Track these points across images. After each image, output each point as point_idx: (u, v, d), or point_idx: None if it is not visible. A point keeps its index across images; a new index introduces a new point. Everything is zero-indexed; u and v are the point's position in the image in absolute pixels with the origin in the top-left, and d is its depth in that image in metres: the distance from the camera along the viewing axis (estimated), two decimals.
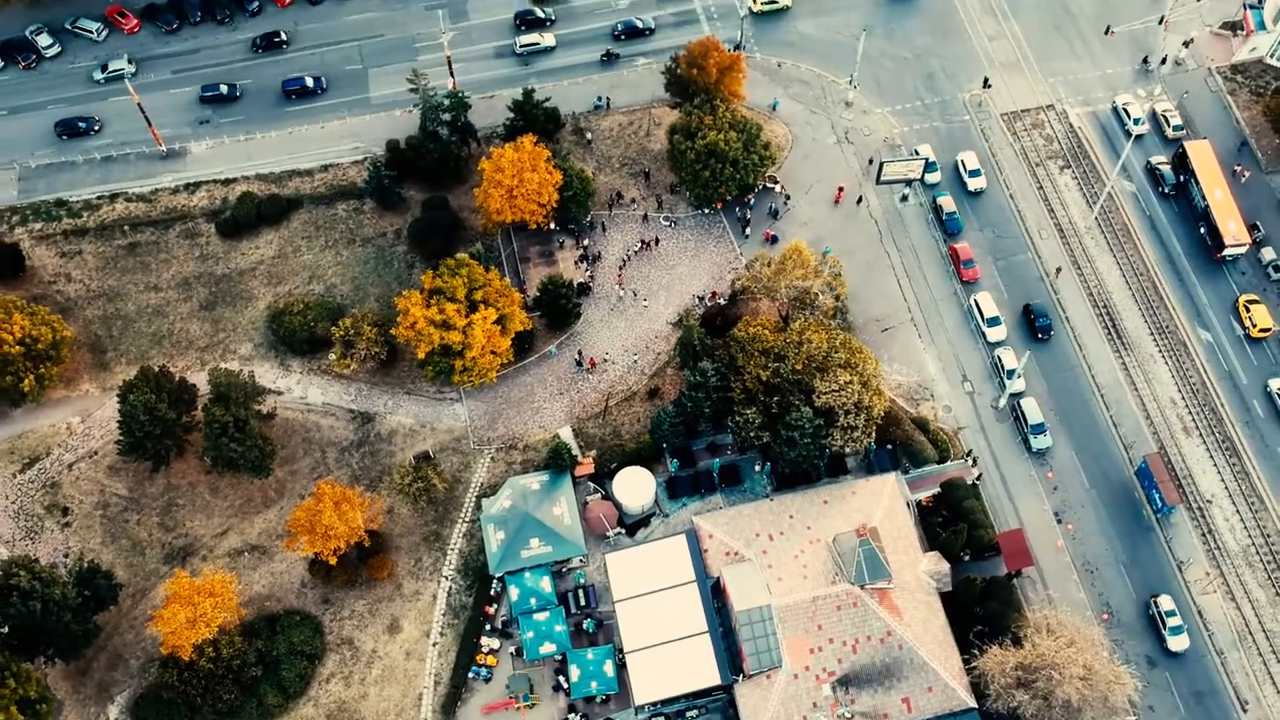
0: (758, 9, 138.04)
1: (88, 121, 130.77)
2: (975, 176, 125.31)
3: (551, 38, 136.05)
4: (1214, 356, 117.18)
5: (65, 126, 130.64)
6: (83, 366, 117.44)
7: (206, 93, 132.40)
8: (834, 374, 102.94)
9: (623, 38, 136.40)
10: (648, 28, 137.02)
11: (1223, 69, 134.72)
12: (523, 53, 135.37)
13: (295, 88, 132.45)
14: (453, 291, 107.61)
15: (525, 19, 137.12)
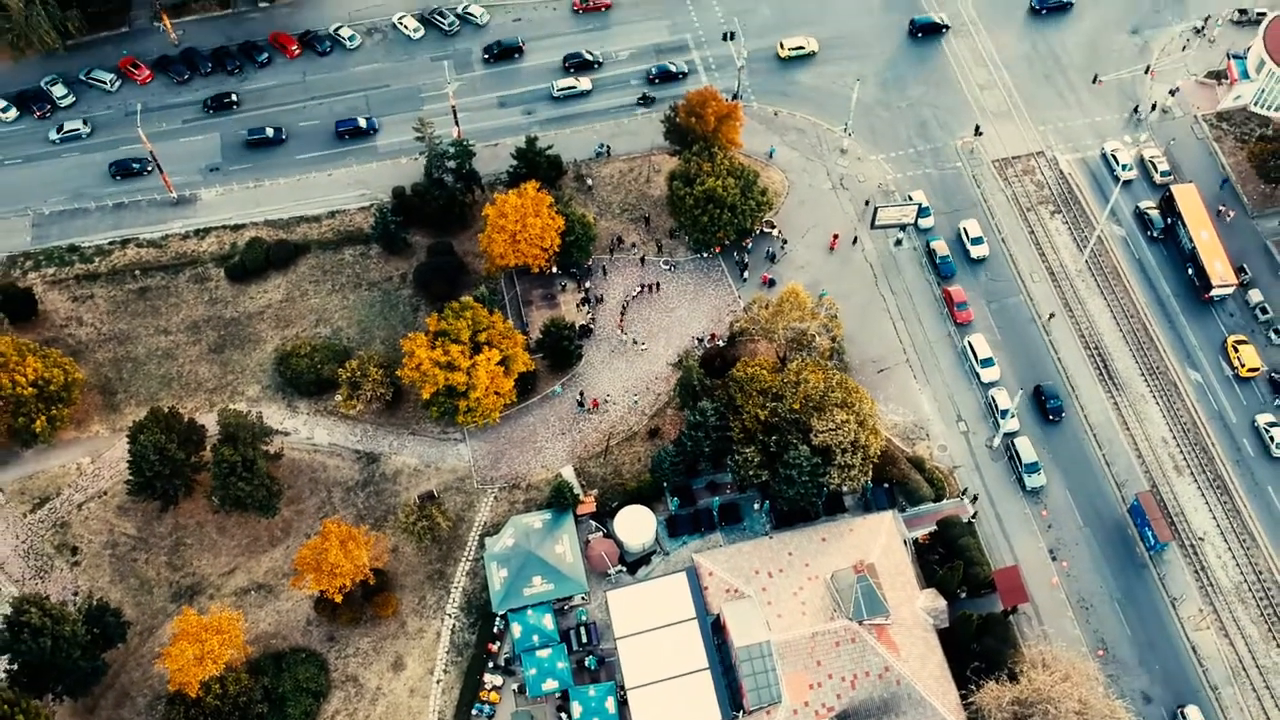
0: (785, 55, 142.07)
1: (141, 163, 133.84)
2: (978, 244, 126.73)
3: (588, 82, 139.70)
4: (1204, 396, 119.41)
5: (119, 167, 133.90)
6: (93, 408, 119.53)
7: (253, 135, 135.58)
8: (831, 413, 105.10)
9: (657, 81, 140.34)
10: (681, 71, 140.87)
11: (1208, 116, 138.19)
12: (560, 96, 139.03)
13: (348, 128, 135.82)
14: (457, 333, 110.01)
15: (574, 62, 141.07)
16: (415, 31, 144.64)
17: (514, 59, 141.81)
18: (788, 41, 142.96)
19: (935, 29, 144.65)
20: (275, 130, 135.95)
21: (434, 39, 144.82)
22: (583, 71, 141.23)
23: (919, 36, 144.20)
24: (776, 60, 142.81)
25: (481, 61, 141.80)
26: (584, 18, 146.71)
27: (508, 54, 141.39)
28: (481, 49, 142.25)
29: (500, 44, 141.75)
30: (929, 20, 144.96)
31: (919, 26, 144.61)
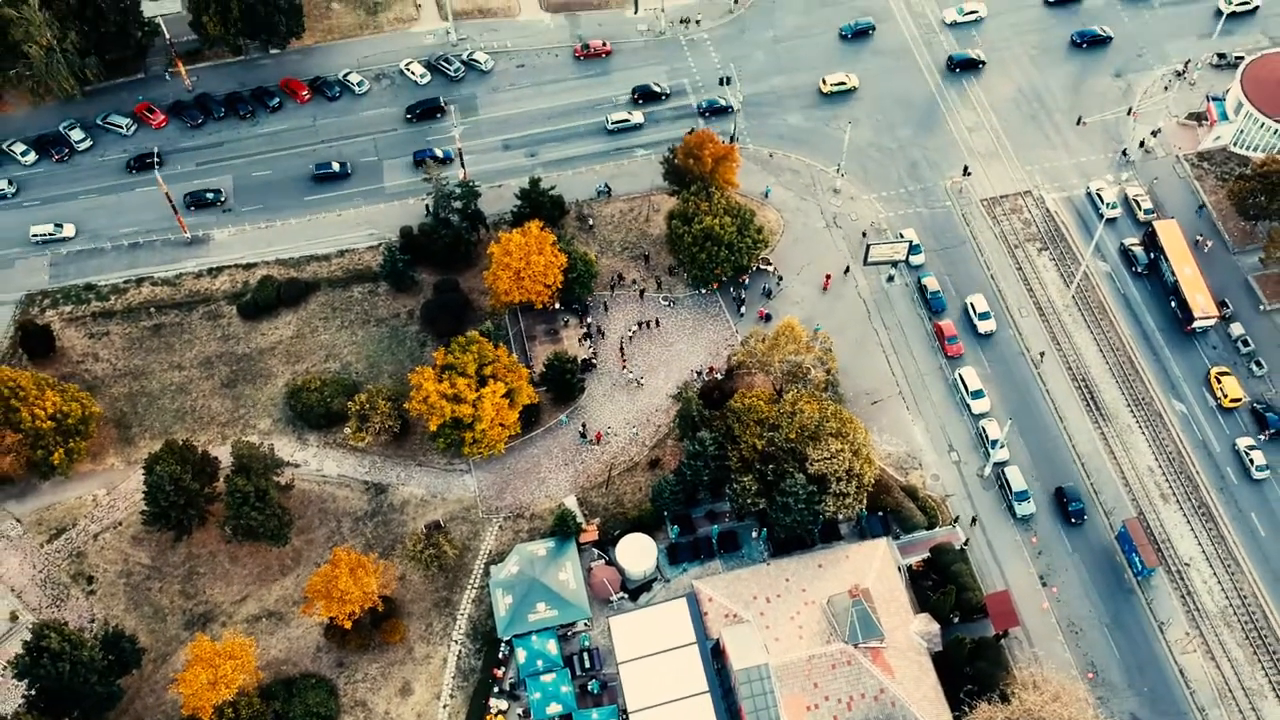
0: (827, 90, 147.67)
1: (215, 193, 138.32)
2: (985, 319, 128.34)
3: (641, 115, 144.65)
4: (1188, 426, 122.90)
5: (194, 198, 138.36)
6: (109, 442, 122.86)
7: (320, 170, 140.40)
8: (826, 442, 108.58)
9: (708, 115, 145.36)
10: (729, 105, 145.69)
11: (1189, 156, 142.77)
12: (614, 129, 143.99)
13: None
14: (464, 367, 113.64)
15: (642, 93, 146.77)
16: (422, 77, 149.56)
17: (436, 118, 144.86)
18: (830, 78, 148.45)
19: (971, 64, 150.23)
20: (341, 165, 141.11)
21: (440, 84, 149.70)
22: (650, 102, 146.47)
23: (956, 72, 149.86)
24: (819, 95, 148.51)
25: (404, 120, 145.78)
26: (585, 63, 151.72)
27: (430, 113, 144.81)
28: (405, 109, 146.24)
29: (421, 103, 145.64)
30: (966, 56, 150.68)
31: (956, 62, 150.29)
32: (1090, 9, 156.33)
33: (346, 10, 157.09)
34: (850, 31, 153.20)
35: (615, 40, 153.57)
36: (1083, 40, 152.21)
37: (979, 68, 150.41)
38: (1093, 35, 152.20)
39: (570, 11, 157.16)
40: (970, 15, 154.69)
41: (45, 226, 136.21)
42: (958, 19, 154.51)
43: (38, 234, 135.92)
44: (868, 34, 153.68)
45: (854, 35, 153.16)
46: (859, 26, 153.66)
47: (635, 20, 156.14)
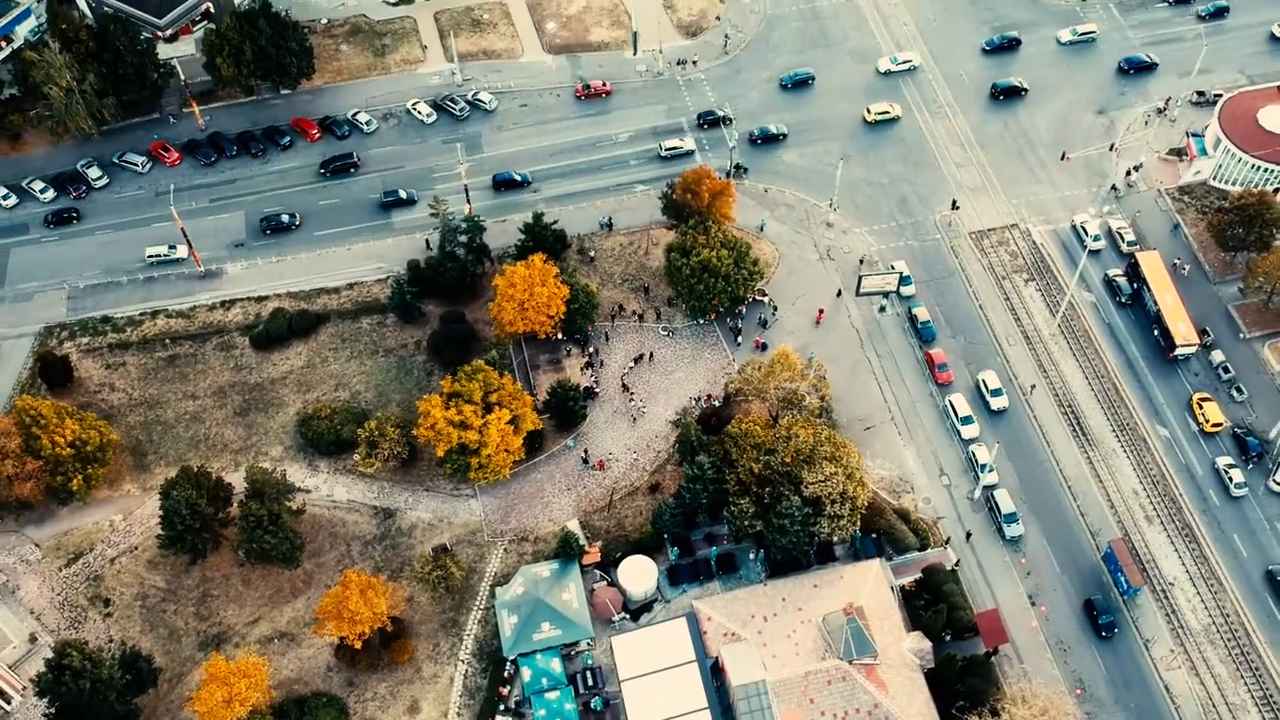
0: (871, 119, 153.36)
1: (291, 216, 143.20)
2: (997, 396, 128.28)
3: (691, 141, 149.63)
4: (1171, 451, 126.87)
5: (269, 222, 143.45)
6: (125, 469, 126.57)
7: (388, 197, 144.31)
8: (820, 466, 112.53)
9: (759, 142, 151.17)
10: (781, 133, 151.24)
11: (1171, 190, 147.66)
12: (667, 155, 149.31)
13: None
14: (470, 394, 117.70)
15: (707, 119, 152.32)
16: (428, 116, 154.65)
17: (350, 174, 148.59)
18: (874, 107, 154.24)
19: (1015, 91, 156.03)
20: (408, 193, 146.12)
21: (445, 123, 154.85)
22: (714, 128, 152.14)
23: (1000, 99, 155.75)
24: (863, 123, 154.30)
25: (316, 174, 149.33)
26: (586, 103, 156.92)
27: (343, 169, 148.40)
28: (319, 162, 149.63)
29: (336, 158, 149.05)
30: (1010, 84, 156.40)
31: (1000, 90, 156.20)
32: None
33: (355, 52, 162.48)
34: (790, 82, 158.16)
35: (615, 80, 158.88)
36: (1130, 67, 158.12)
37: (1022, 94, 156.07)
38: (1139, 62, 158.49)
39: (571, 53, 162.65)
40: (905, 64, 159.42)
41: (160, 247, 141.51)
42: (891, 68, 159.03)
43: (153, 254, 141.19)
44: (808, 83, 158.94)
45: (794, 85, 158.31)
46: (798, 77, 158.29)
47: (634, 61, 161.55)
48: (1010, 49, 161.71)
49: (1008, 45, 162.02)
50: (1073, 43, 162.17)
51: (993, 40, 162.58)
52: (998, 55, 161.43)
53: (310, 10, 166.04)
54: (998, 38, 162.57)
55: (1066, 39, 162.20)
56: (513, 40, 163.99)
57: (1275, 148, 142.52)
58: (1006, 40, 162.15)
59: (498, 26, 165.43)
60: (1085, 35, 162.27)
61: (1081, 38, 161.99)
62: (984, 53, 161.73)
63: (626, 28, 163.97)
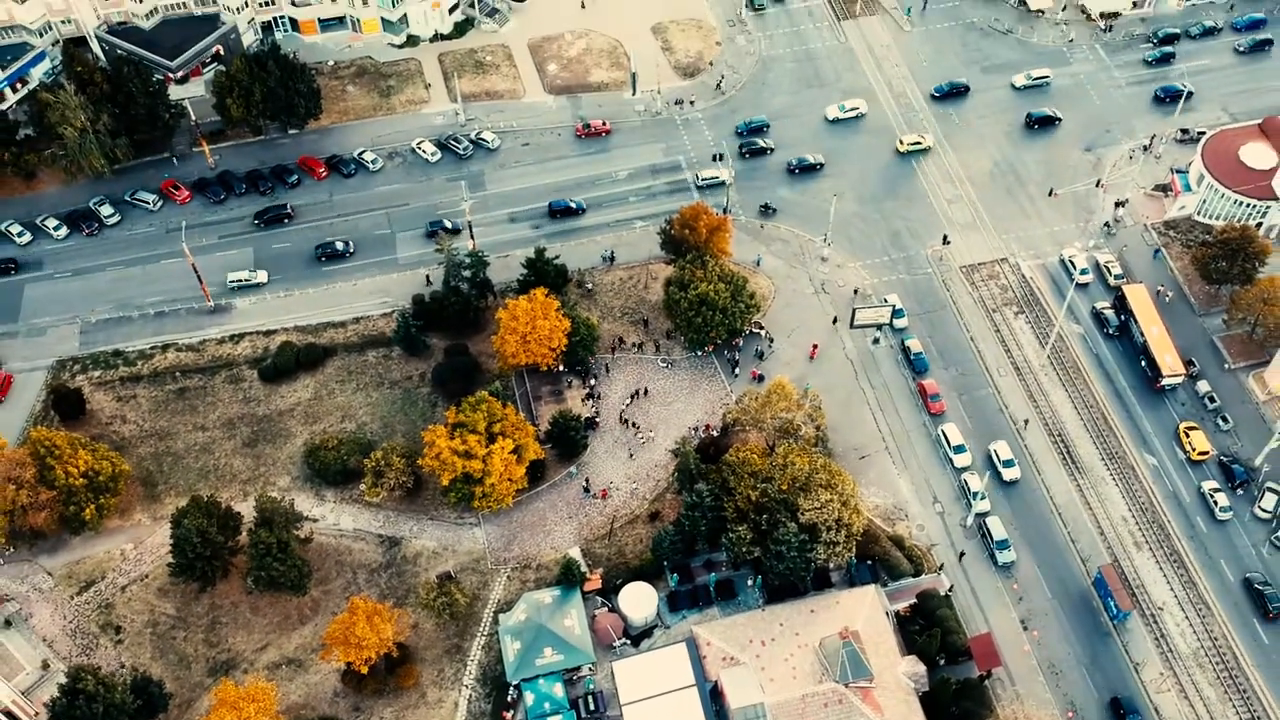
0: (904, 149, 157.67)
1: (345, 244, 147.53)
2: (1009, 467, 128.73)
3: (728, 173, 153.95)
4: (1159, 478, 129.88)
5: (324, 249, 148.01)
6: (136, 499, 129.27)
7: (323, 249, 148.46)
8: (816, 493, 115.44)
9: (797, 172, 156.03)
10: (819, 163, 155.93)
11: (1156, 225, 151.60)
12: (703, 185, 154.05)
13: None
14: (474, 424, 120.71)
15: (750, 148, 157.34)
16: (433, 155, 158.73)
17: (284, 224, 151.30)
18: (906, 138, 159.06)
19: (1049, 121, 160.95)
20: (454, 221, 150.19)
21: (450, 162, 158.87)
22: (757, 157, 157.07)
23: (1035, 128, 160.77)
24: (896, 154, 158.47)
25: (250, 224, 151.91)
26: (586, 142, 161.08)
27: (276, 220, 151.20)
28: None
29: (270, 209, 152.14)
30: (1045, 114, 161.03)
31: (1035, 120, 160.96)
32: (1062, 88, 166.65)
33: (361, 93, 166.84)
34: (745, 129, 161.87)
35: (614, 120, 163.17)
36: (1035, 121, 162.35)
37: (1055, 124, 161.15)
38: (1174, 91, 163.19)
39: (572, 94, 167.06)
40: (852, 111, 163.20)
41: (241, 273, 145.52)
42: (839, 115, 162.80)
43: (235, 279, 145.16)
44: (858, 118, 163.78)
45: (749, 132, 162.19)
46: (754, 124, 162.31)
47: (633, 101, 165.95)
48: (959, 95, 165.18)
49: (955, 92, 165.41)
50: (1026, 87, 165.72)
51: (941, 87, 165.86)
52: (944, 102, 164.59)
53: (318, 53, 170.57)
54: (946, 84, 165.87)
55: (1021, 84, 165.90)
56: (515, 81, 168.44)
57: (1256, 183, 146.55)
58: (954, 87, 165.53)
59: (500, 68, 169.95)
60: (1039, 80, 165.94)
61: (1035, 82, 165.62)
62: (933, 99, 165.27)
63: (626, 69, 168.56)
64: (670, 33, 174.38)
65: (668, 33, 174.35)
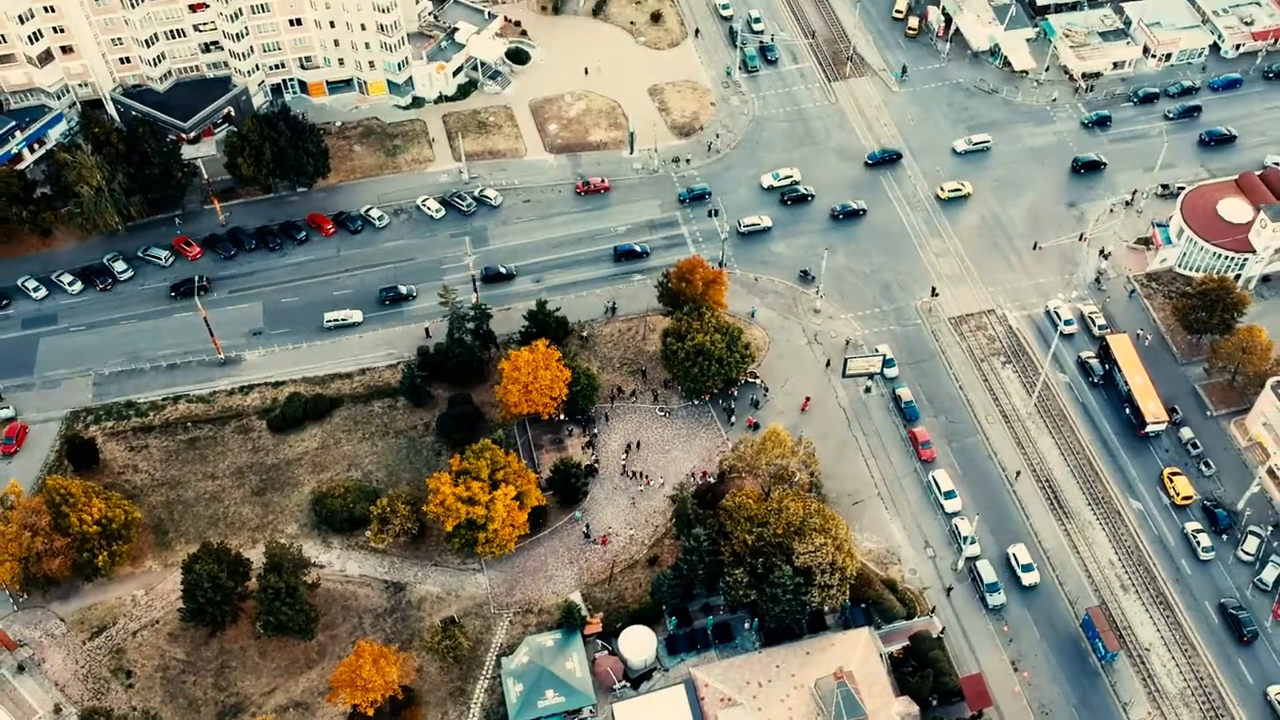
0: (945, 196, 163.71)
1: (409, 288, 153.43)
2: (1029, 571, 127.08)
3: (769, 219, 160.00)
4: (1145, 523, 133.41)
5: (389, 293, 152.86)
6: (147, 546, 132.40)
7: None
8: (810, 537, 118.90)
9: (840, 218, 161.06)
10: (862, 209, 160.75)
11: (1139, 277, 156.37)
12: (745, 232, 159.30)
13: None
14: (478, 472, 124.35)
15: (791, 195, 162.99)
16: (437, 212, 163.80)
17: (201, 295, 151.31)
18: (946, 185, 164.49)
19: (1095, 166, 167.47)
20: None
21: (453, 219, 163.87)
22: (798, 205, 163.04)
23: (1081, 172, 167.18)
24: (937, 200, 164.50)
25: (166, 296, 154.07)
26: (586, 199, 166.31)
27: (190, 293, 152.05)
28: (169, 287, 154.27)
29: (184, 283, 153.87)
30: (1090, 159, 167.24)
31: (1081, 164, 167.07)
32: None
33: (368, 152, 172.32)
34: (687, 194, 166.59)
35: (613, 178, 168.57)
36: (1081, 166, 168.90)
37: (1101, 168, 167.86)
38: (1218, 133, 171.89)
39: (572, 152, 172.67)
40: (786, 178, 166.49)
41: (338, 313, 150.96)
42: (773, 183, 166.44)
43: (331, 319, 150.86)
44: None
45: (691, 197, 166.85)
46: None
47: (631, 160, 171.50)
48: (891, 162, 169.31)
49: (888, 160, 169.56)
50: (968, 152, 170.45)
51: (875, 154, 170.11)
52: (878, 169, 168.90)
53: (326, 113, 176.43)
54: (879, 152, 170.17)
55: (962, 148, 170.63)
56: (516, 141, 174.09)
57: (1234, 236, 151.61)
58: (887, 155, 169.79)
59: (502, 128, 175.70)
60: (979, 145, 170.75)
61: (976, 147, 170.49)
62: (866, 166, 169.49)
63: (624, 129, 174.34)
64: (666, 94, 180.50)
65: (664, 94, 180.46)
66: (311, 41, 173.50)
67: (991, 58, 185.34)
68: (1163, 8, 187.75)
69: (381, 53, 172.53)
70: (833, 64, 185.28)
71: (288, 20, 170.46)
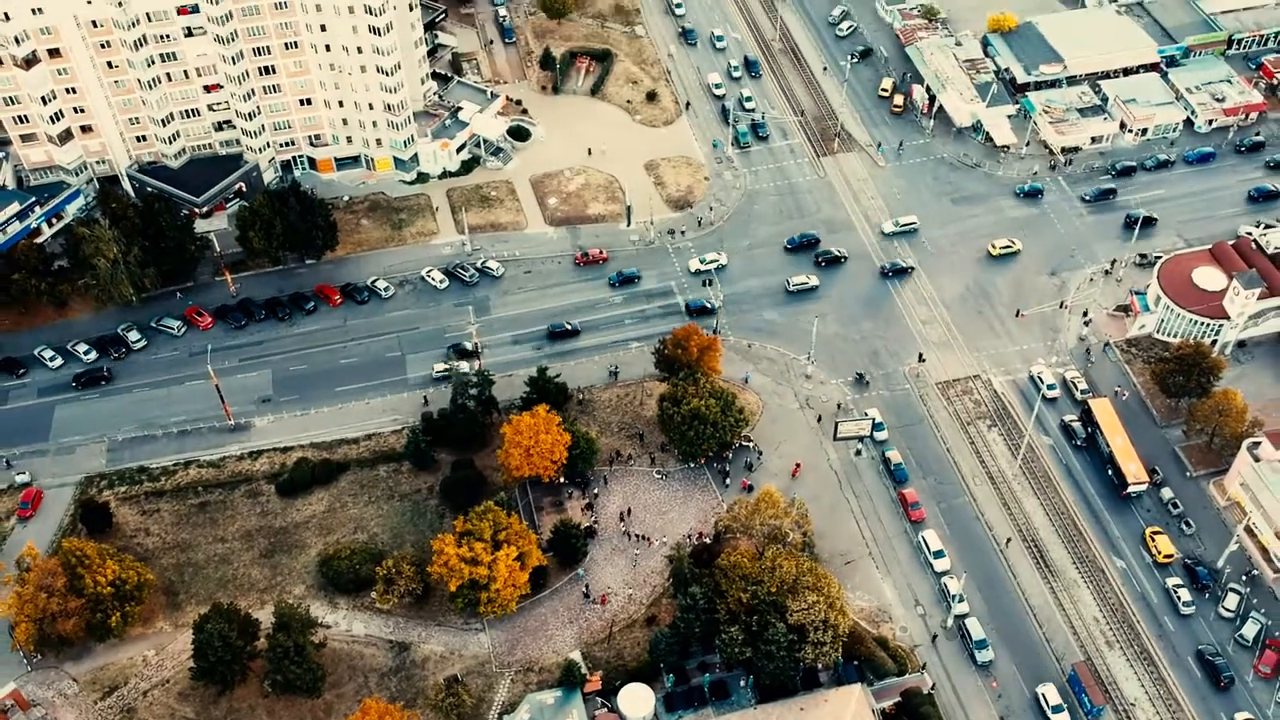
0: (995, 253, 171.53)
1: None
2: (1059, 713, 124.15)
3: (816, 279, 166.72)
4: (1128, 580, 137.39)
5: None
6: (158, 607, 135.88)
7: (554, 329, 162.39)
8: (803, 595, 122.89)
9: (890, 275, 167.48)
10: (910, 266, 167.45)
11: (1119, 343, 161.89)
12: (794, 290, 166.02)
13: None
14: (480, 533, 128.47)
15: (825, 258, 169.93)
16: (441, 283, 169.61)
17: (100, 385, 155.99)
18: (998, 242, 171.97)
19: (1149, 221, 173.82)
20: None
21: (457, 289, 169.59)
22: (832, 267, 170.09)
23: (1128, 226, 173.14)
24: (987, 258, 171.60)
25: (69, 385, 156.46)
26: (584, 269, 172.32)
27: (93, 382, 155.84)
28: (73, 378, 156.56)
29: (86, 373, 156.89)
30: (1139, 215, 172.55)
31: (1132, 220, 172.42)
32: None
33: (374, 226, 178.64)
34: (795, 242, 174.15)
35: (611, 248, 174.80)
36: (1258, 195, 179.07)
37: (1152, 224, 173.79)
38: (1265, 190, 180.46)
39: (571, 225, 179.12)
40: (711, 264, 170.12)
41: (458, 363, 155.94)
42: (700, 267, 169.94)
43: (442, 370, 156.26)
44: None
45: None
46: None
47: (628, 231, 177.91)
48: (808, 247, 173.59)
49: (805, 244, 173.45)
50: (894, 234, 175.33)
51: (793, 239, 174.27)
52: (796, 253, 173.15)
53: (334, 189, 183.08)
54: (798, 236, 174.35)
55: (889, 230, 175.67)
56: (518, 214, 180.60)
57: (1209, 303, 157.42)
58: (804, 239, 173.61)
59: (504, 202, 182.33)
60: (906, 226, 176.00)
61: (902, 229, 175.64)
62: (785, 250, 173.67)
63: (621, 202, 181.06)
64: (662, 169, 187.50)
65: (660, 169, 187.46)
66: (321, 120, 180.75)
67: (974, 133, 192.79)
68: (1138, 85, 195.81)
69: (388, 131, 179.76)
70: (821, 140, 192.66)
71: (298, 100, 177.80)
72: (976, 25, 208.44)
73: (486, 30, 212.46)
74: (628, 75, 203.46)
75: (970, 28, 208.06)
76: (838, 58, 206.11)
